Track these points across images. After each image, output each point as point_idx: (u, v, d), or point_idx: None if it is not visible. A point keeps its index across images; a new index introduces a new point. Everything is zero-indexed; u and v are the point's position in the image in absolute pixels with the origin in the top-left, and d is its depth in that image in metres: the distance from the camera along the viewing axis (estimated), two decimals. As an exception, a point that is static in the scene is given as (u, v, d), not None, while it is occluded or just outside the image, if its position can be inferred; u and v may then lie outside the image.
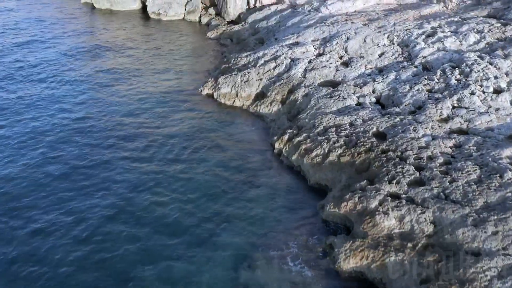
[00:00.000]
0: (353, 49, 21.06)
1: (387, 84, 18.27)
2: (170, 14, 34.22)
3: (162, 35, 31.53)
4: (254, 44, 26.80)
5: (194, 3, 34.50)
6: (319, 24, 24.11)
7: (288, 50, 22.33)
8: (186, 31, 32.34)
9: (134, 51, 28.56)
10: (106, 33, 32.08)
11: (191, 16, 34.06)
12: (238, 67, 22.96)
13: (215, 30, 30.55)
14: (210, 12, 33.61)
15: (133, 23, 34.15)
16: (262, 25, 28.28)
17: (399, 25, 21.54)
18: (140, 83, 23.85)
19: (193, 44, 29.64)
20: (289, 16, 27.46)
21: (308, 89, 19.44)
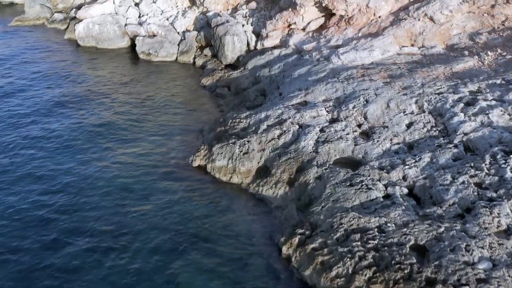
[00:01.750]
0: (374, 115, 17.53)
1: (421, 169, 14.68)
2: (162, 55, 30.81)
3: (151, 80, 28.06)
4: (255, 97, 23.34)
5: (188, 42, 31.13)
6: (330, 79, 20.63)
7: (296, 113, 18.80)
8: (178, 75, 28.88)
9: (117, 102, 25.02)
10: (88, 77, 28.61)
11: (185, 57, 30.66)
12: (236, 131, 19.42)
13: (211, 76, 27.08)
14: (205, 53, 30.22)
15: (120, 64, 30.72)
16: (264, 73, 24.83)
17: (428, 87, 18.04)
18: (119, 147, 20.25)
19: (185, 93, 26.14)
20: (295, 64, 24.03)
21: (322, 170, 15.83)
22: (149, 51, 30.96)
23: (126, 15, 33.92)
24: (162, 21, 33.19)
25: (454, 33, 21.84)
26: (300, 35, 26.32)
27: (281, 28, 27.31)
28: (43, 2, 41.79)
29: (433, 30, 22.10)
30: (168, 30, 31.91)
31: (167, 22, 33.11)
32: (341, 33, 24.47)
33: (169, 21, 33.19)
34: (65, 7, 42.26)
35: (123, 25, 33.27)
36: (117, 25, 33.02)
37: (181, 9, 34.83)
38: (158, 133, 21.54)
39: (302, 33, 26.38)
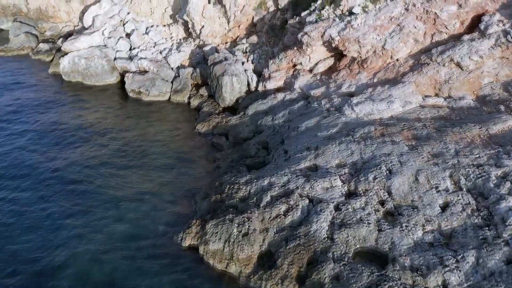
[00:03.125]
0: (400, 191, 14.59)
1: (466, 274, 11.70)
2: (153, 94, 27.97)
3: (139, 124, 25.19)
4: (256, 151, 20.45)
5: (182, 80, 28.32)
6: (344, 138, 17.73)
7: (305, 183, 15.86)
8: (171, 118, 26.00)
9: (97, 151, 22.16)
10: (68, 119, 25.79)
11: (179, 96, 27.82)
12: (234, 202, 16.46)
13: (207, 121, 24.18)
14: (201, 92, 27.38)
15: (106, 104, 27.86)
16: (267, 121, 21.95)
17: (464, 155, 15.13)
18: (95, 213, 17.30)
19: (178, 142, 23.23)
20: (302, 113, 21.16)
21: (340, 267, 12.85)
22: (140, 89, 28.13)
23: (116, 48, 31.19)
24: (155, 55, 30.45)
25: (485, 82, 19.02)
26: (307, 77, 23.51)
27: (285, 68, 24.53)
28: (29, 30, 39.20)
29: (461, 78, 19.29)
30: (161, 66, 29.14)
31: (160, 56, 30.37)
32: (353, 78, 21.66)
33: (162, 54, 30.46)
34: (53, 34, 39.65)
35: (112, 59, 30.51)
36: (105, 59, 30.25)
37: (176, 40, 32.14)
38: (143, 196, 18.57)
39: (309, 75, 23.57)
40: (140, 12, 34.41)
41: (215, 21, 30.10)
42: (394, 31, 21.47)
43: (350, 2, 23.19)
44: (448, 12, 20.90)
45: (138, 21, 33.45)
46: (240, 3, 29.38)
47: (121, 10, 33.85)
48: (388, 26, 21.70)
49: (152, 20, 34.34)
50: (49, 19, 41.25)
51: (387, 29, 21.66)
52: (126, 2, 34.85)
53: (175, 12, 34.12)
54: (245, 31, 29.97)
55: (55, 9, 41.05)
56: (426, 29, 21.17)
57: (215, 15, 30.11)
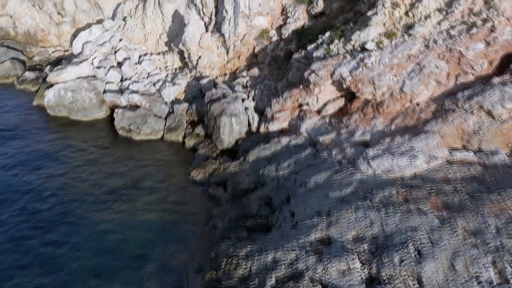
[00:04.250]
0: (434, 281, 12.05)
1: None
2: (145, 132, 25.52)
3: (127, 168, 22.77)
4: (258, 208, 17.97)
5: (177, 117, 25.90)
6: (361, 201, 15.23)
7: (317, 263, 13.34)
8: (163, 160, 23.52)
9: (75, 204, 19.67)
10: (48, 159, 23.39)
11: (173, 135, 25.38)
12: (233, 283, 13.91)
13: (203, 167, 21.70)
14: (198, 131, 24.93)
15: (93, 143, 25.40)
16: (270, 171, 19.47)
17: (506, 234, 12.63)
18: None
19: (170, 192, 20.74)
20: (310, 164, 18.68)
21: None
22: (130, 126, 25.69)
23: (106, 79, 28.82)
24: (148, 87, 28.08)
25: (521, 134, 16.59)
26: (314, 119, 21.09)
27: (289, 109, 22.12)
28: (16, 55, 36.88)
29: (492, 129, 16.85)
30: (154, 101, 26.74)
31: (154, 88, 28.00)
32: (367, 124, 19.23)
33: (156, 86, 28.09)
34: (42, 60, 37.34)
35: (101, 91, 28.12)
36: (94, 92, 27.85)
37: (171, 70, 29.80)
38: (123, 270, 15.99)
39: (316, 117, 21.16)
40: (133, 39, 32.13)
41: (213, 51, 27.78)
42: (413, 71, 19.09)
43: (363, 36, 20.87)
44: (474, 51, 18.56)
45: (130, 48, 31.16)
46: (240, 32, 27.09)
47: (112, 37, 31.58)
48: (406, 65, 19.33)
49: (146, 47, 32.05)
50: (38, 43, 38.98)
51: (405, 68, 19.29)
52: (118, 28, 32.60)
53: (170, 39, 31.86)
54: (245, 62, 27.65)
55: (44, 33, 38.83)
56: (450, 70, 18.79)
57: (213, 44, 27.81)
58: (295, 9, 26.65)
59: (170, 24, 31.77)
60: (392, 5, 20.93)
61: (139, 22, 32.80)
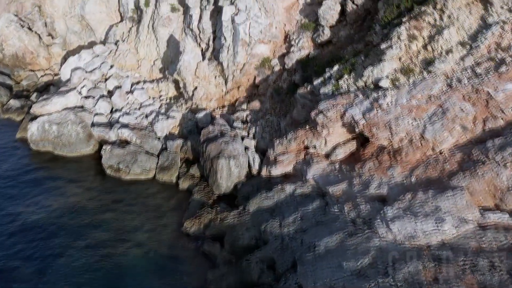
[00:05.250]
0: None
1: None
2: (135, 172, 23.28)
3: (114, 213, 20.65)
4: (259, 274, 15.68)
5: (170, 155, 23.67)
6: (382, 278, 12.94)
7: None
8: (154, 205, 21.26)
9: (55, 258, 17.40)
10: (27, 201, 21.26)
11: (165, 175, 23.13)
12: None
13: (198, 217, 19.42)
14: (193, 171, 22.68)
15: (78, 183, 23.20)
16: (273, 227, 17.18)
17: None
18: None
19: (159, 245, 18.52)
20: (319, 221, 16.40)
21: None
22: (119, 165, 23.43)
23: (95, 110, 26.67)
24: (140, 119, 25.92)
25: None
26: (322, 164, 18.86)
27: (294, 151, 19.90)
28: (3, 79, 34.83)
29: (530, 186, 14.61)
30: (146, 136, 24.55)
31: (146, 121, 25.83)
32: (384, 174, 16.99)
33: (148, 119, 25.92)
34: (30, 84, 35.23)
35: (89, 124, 25.93)
36: (80, 125, 25.65)
37: (165, 100, 27.64)
38: None
39: (324, 162, 18.93)
40: (125, 65, 30.05)
41: (211, 82, 25.65)
42: (435, 115, 16.90)
43: (376, 72, 18.72)
44: (504, 92, 16.39)
45: (122, 76, 29.05)
46: (240, 61, 24.98)
47: (103, 63, 29.49)
48: (426, 107, 17.15)
49: (139, 74, 29.96)
50: (26, 66, 36.87)
51: (426, 111, 17.10)
52: (110, 54, 30.54)
53: (165, 65, 29.78)
54: (245, 93, 25.50)
55: (33, 55, 36.75)
56: (477, 113, 16.59)
57: (210, 74, 25.69)
58: (299, 37, 24.56)
59: (164, 49, 29.72)
60: (408, 37, 18.81)
61: (132, 47, 30.76)
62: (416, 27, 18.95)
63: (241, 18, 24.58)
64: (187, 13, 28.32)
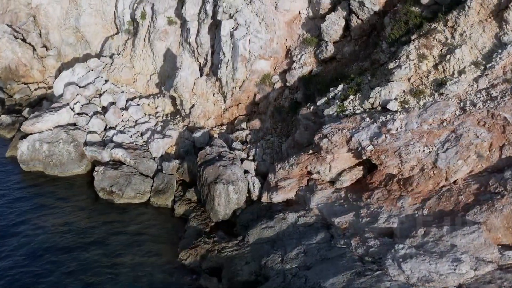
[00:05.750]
0: None
1: None
2: (129, 195, 22.11)
3: (104, 240, 19.50)
4: (259, 315, 14.43)
5: (165, 177, 22.52)
6: (394, 328, 11.72)
7: None
8: (148, 233, 20.07)
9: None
10: (13, 225, 20.05)
11: (160, 199, 21.97)
12: None
13: (194, 248, 18.17)
14: (189, 196, 21.51)
15: (68, 206, 22.07)
16: (274, 262, 15.97)
17: None
18: None
19: (152, 281, 17.23)
20: (324, 257, 15.20)
21: None
22: (112, 188, 22.26)
23: (88, 128, 25.54)
24: (134, 138, 24.81)
25: None
26: (327, 191, 17.71)
27: (297, 176, 18.75)
28: (-5, 93, 33.77)
29: (554, 222, 13.44)
30: (140, 156, 23.41)
31: (141, 140, 24.73)
32: (393, 205, 15.82)
33: (143, 138, 24.81)
34: (23, 98, 34.26)
35: (81, 143, 24.81)
36: (72, 145, 24.51)
37: (162, 117, 26.54)
38: None
39: (329, 189, 17.77)
40: (121, 79, 28.99)
41: (209, 99, 24.55)
42: (448, 141, 15.74)
43: (384, 94, 17.60)
44: (522, 118, 15.26)
45: (117, 91, 27.96)
46: (239, 77, 23.90)
47: (97, 78, 28.42)
48: (439, 133, 16.00)
49: (135, 89, 28.90)
50: (20, 78, 35.85)
51: (438, 137, 15.95)
52: (105, 68, 29.47)
53: (161, 80, 28.71)
54: (245, 111, 24.39)
55: (26, 68, 35.73)
56: (493, 140, 15.43)
57: (208, 91, 24.61)
58: (301, 53, 23.47)
59: (161, 63, 28.67)
60: (418, 56, 17.70)
61: (127, 61, 29.71)
62: (426, 45, 17.85)
63: (240, 33, 23.52)
64: (184, 27, 27.29)
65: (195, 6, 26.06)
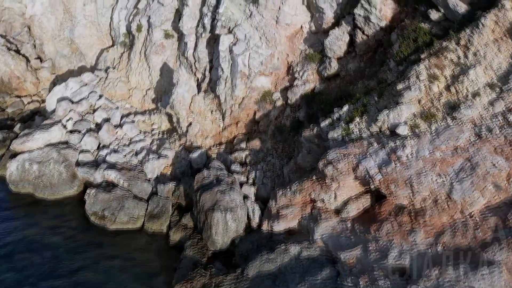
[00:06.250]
0: None
1: None
2: (121, 220, 20.96)
3: (94, 271, 18.37)
4: None
5: (161, 201, 21.39)
6: None
7: None
8: (141, 262, 18.93)
9: None
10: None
11: (155, 224, 20.82)
12: None
13: (190, 281, 16.98)
14: (185, 221, 20.35)
15: (58, 230, 21.04)
16: (275, 300, 14.82)
17: None
18: None
19: (146, 320, 16.09)
20: (329, 297, 14.04)
21: None
22: (104, 212, 21.12)
23: (80, 146, 24.43)
24: (129, 157, 23.69)
25: None
26: (332, 222, 16.55)
27: (300, 204, 17.60)
28: (-14, 107, 32.68)
29: None
30: (134, 177, 22.29)
31: (135, 159, 23.60)
32: (404, 239, 14.67)
33: (138, 157, 23.68)
34: (15, 112, 33.11)
35: (73, 162, 23.70)
36: (64, 165, 23.39)
37: (158, 134, 25.43)
38: None
39: (334, 219, 16.62)
40: (116, 94, 27.92)
41: (206, 117, 23.46)
42: (462, 170, 14.62)
43: (392, 117, 16.48)
44: (543, 146, 14.14)
45: (111, 107, 26.85)
46: (239, 95, 22.81)
47: (91, 93, 27.33)
48: (452, 161, 14.88)
49: (130, 104, 27.81)
50: (13, 91, 34.73)
51: (452, 165, 14.83)
52: (99, 82, 28.41)
53: (158, 95, 27.64)
54: (244, 129, 23.27)
55: (20, 80, 34.64)
56: (511, 169, 14.32)
57: (206, 108, 23.52)
58: (304, 69, 22.40)
59: (158, 78, 27.62)
60: (428, 77, 16.60)
61: (122, 75, 28.66)
62: (437, 65, 16.75)
63: (240, 49, 22.46)
64: (181, 40, 26.26)
65: (193, 20, 25.04)
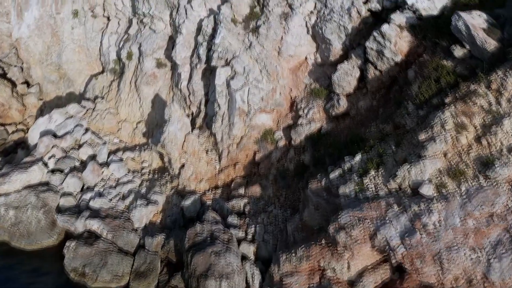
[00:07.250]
0: None
1: None
2: (104, 278, 18.55)
3: None
4: None
5: (148, 256, 18.96)
6: None
7: None
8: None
9: None
10: None
11: (142, 283, 18.40)
12: None
13: None
14: (175, 282, 17.89)
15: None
16: None
17: None
18: None
19: None
20: None
21: None
22: (85, 269, 18.72)
23: (62, 188, 22.14)
24: (115, 202, 21.39)
25: None
26: (344, 295, 14.17)
27: (306, 271, 15.20)
28: (-32, 137, 30.38)
29: None
30: (120, 227, 19.95)
31: (122, 205, 21.29)
32: (433, 327, 12.31)
33: (125, 202, 21.37)
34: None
35: (53, 207, 21.38)
36: (42, 210, 21.08)
37: (148, 174, 23.13)
38: None
39: (347, 292, 14.24)
40: (103, 128, 25.72)
41: (201, 158, 21.20)
42: (500, 243, 12.29)
43: (414, 173, 14.19)
44: None
45: (98, 142, 24.61)
46: (237, 134, 20.61)
47: (76, 127, 25.07)
48: (487, 231, 12.57)
49: (119, 138, 25.57)
50: (-3, 119, 32.53)
51: (487, 236, 12.52)
52: (86, 114, 26.20)
53: (149, 129, 25.41)
54: (243, 172, 20.99)
55: (4, 108, 32.37)
56: (560, 243, 11.99)
57: (200, 148, 21.28)
58: (309, 106, 20.21)
59: (149, 110, 25.45)
60: (455, 126, 14.36)
61: (111, 106, 26.51)
62: (464, 112, 14.53)
63: (238, 83, 20.30)
64: (175, 70, 24.11)
65: (187, 49, 22.92)
